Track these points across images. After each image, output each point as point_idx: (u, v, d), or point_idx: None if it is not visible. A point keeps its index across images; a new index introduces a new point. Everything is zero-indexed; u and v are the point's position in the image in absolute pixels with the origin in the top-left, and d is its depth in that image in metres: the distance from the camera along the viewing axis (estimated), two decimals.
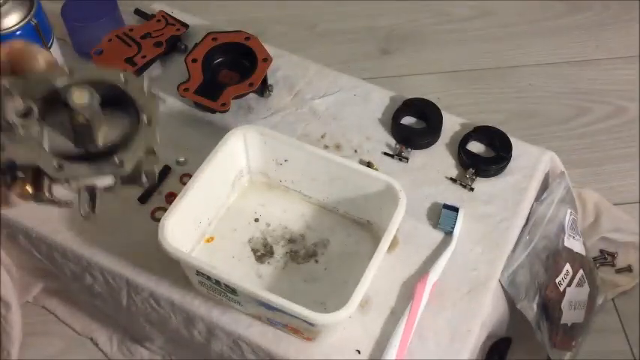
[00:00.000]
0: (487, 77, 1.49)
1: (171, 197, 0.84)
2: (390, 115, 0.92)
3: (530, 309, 0.81)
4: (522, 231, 0.82)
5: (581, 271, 0.91)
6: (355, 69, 1.42)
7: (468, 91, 1.46)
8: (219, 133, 0.79)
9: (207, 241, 0.81)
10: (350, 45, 1.55)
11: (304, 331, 0.70)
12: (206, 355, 0.83)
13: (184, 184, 0.77)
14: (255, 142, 0.80)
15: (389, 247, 0.71)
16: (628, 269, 1.16)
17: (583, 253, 0.93)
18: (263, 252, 0.81)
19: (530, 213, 0.84)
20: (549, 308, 0.84)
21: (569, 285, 0.88)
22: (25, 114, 0.39)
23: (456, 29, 1.59)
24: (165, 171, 0.88)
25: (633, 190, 1.28)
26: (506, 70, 1.51)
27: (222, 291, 0.71)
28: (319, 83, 0.98)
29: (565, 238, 0.87)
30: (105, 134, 0.41)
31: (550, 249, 0.84)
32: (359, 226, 0.83)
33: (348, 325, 0.74)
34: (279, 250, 0.81)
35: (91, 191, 0.42)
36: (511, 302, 0.82)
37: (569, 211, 0.87)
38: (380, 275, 0.70)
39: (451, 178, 0.87)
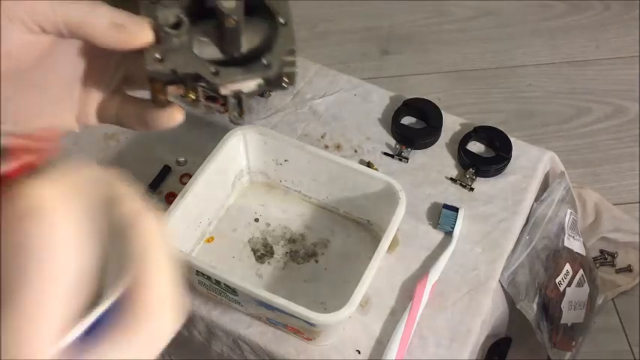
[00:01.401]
0: (487, 77, 1.49)
1: (171, 197, 0.84)
2: (390, 115, 0.92)
3: (530, 309, 0.81)
4: (522, 231, 0.82)
5: (581, 271, 0.91)
6: (355, 69, 1.42)
7: (468, 91, 1.47)
8: (219, 133, 0.79)
9: (207, 241, 0.81)
10: (350, 45, 1.56)
11: (304, 331, 0.70)
12: (206, 355, 0.83)
13: (184, 184, 0.77)
14: (255, 142, 0.80)
15: (389, 247, 0.71)
16: (628, 269, 1.16)
17: (583, 253, 0.93)
18: (263, 252, 0.81)
19: (530, 213, 0.84)
20: (549, 308, 0.84)
21: (569, 285, 0.88)
22: (177, 24, 0.40)
23: (456, 29, 1.60)
24: (166, 171, 0.88)
25: (633, 190, 1.28)
26: (506, 70, 1.51)
27: (222, 291, 0.71)
28: (319, 83, 0.98)
29: (565, 238, 0.87)
30: (247, 40, 0.42)
31: (550, 249, 0.84)
32: (359, 226, 0.83)
33: (348, 325, 0.74)
34: (279, 250, 0.81)
35: (238, 97, 0.44)
36: (511, 302, 0.82)
37: (569, 211, 0.87)
38: (380, 275, 0.70)
39: (451, 178, 0.87)
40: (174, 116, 0.43)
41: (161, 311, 0.28)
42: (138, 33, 0.39)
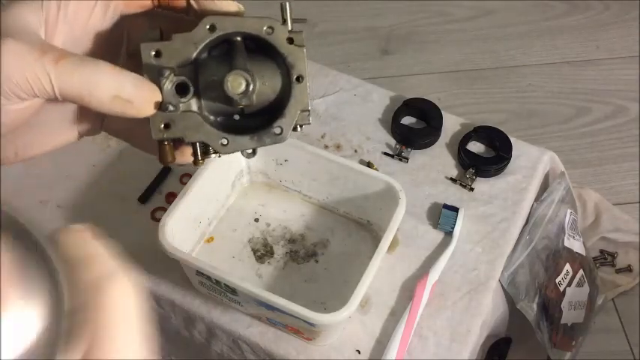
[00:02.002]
0: (487, 77, 1.49)
1: (171, 197, 0.84)
2: (390, 115, 0.92)
3: (530, 309, 0.81)
4: (522, 231, 0.82)
5: (581, 271, 0.91)
6: (355, 69, 1.42)
7: (468, 91, 1.47)
8: None
9: (207, 241, 0.81)
10: (350, 45, 1.56)
11: (304, 331, 0.70)
12: (206, 355, 0.82)
13: (184, 184, 0.77)
14: None
15: (389, 247, 0.71)
16: (628, 269, 1.16)
17: (583, 253, 0.93)
18: (263, 252, 0.81)
19: (530, 213, 0.84)
20: (549, 308, 0.84)
21: (569, 285, 0.88)
22: (182, 91, 0.38)
23: (456, 29, 1.60)
24: (166, 171, 0.88)
25: (633, 190, 1.28)
26: (506, 70, 1.51)
27: (222, 291, 0.71)
28: (319, 83, 0.98)
29: (565, 238, 0.87)
30: (258, 94, 0.40)
31: (550, 249, 0.84)
32: (359, 226, 0.83)
33: (348, 325, 0.74)
34: (279, 250, 0.81)
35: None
36: (511, 302, 0.82)
37: (569, 211, 0.87)
38: (380, 275, 0.70)
39: (451, 178, 0.87)
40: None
41: None
42: (144, 108, 0.38)
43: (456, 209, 0.82)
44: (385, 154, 0.89)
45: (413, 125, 0.92)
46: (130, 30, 0.42)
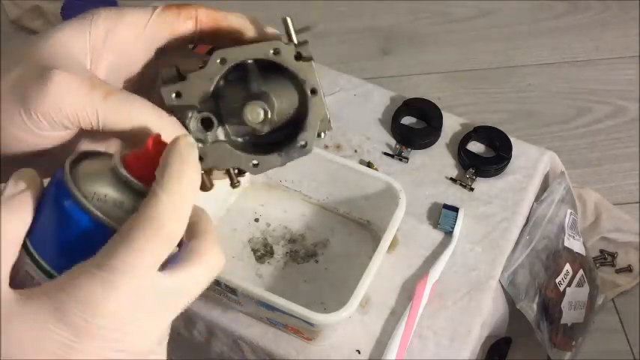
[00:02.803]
0: (487, 77, 1.49)
1: None
2: (390, 115, 0.92)
3: (530, 309, 0.81)
4: (522, 231, 0.82)
5: (581, 271, 0.91)
6: (355, 69, 1.42)
7: (468, 91, 1.46)
8: None
9: None
10: (350, 45, 1.56)
11: (304, 331, 0.70)
12: (206, 355, 0.82)
13: None
14: None
15: (389, 247, 0.71)
16: (628, 269, 1.16)
17: (583, 253, 0.93)
18: (263, 252, 0.81)
19: (530, 213, 0.84)
20: (549, 308, 0.84)
21: (569, 285, 0.88)
22: (208, 125, 0.40)
23: (456, 29, 1.60)
24: None
25: (633, 190, 1.28)
26: (506, 70, 1.51)
27: (222, 291, 0.71)
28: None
29: (565, 238, 0.87)
30: (278, 113, 0.41)
31: (550, 249, 0.84)
32: (359, 226, 0.83)
33: (348, 325, 0.74)
34: (279, 250, 0.81)
35: None
36: (511, 302, 0.82)
37: (569, 211, 0.87)
38: (380, 275, 0.70)
39: (451, 178, 0.87)
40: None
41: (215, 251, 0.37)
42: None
43: (456, 209, 0.82)
44: (385, 154, 0.89)
45: (413, 125, 0.92)
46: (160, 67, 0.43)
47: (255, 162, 0.42)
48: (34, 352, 0.31)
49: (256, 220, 0.83)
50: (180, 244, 0.36)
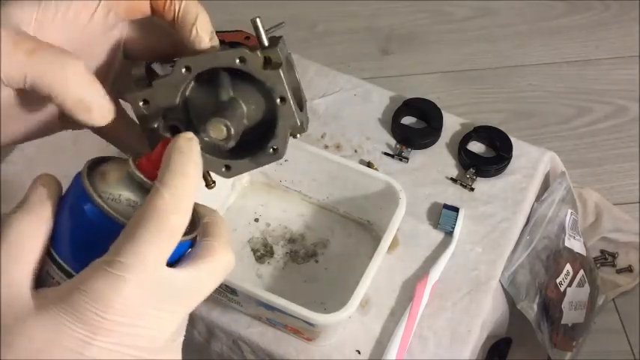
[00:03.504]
0: (487, 77, 1.49)
1: None
2: (390, 115, 0.92)
3: (531, 309, 0.81)
4: (523, 231, 0.82)
5: (581, 272, 0.91)
6: (355, 69, 1.42)
7: (468, 91, 1.46)
8: None
9: None
10: (350, 45, 1.56)
11: (304, 331, 0.70)
12: (206, 355, 0.82)
13: None
14: None
15: (389, 247, 0.71)
16: (628, 269, 1.16)
17: (583, 253, 0.93)
18: (263, 252, 0.80)
19: (530, 213, 0.84)
20: (550, 308, 0.84)
21: (569, 285, 0.88)
22: (174, 133, 0.40)
23: (456, 29, 1.60)
24: None
25: (633, 190, 1.28)
26: (506, 70, 1.51)
27: (222, 291, 0.70)
28: (319, 83, 0.98)
29: (565, 238, 0.87)
30: (247, 114, 0.41)
31: (550, 249, 0.84)
32: (359, 226, 0.82)
33: (348, 325, 0.74)
34: (279, 250, 0.81)
35: None
36: (511, 302, 0.82)
37: (569, 211, 0.87)
38: (380, 275, 0.70)
39: (451, 178, 0.87)
40: None
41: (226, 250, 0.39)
42: (100, 119, 0.39)
43: (456, 209, 0.81)
44: (385, 154, 0.89)
45: (413, 125, 0.92)
46: (126, 42, 0.43)
47: (226, 166, 0.42)
48: (53, 352, 0.31)
49: (256, 220, 0.83)
50: (193, 243, 0.38)
